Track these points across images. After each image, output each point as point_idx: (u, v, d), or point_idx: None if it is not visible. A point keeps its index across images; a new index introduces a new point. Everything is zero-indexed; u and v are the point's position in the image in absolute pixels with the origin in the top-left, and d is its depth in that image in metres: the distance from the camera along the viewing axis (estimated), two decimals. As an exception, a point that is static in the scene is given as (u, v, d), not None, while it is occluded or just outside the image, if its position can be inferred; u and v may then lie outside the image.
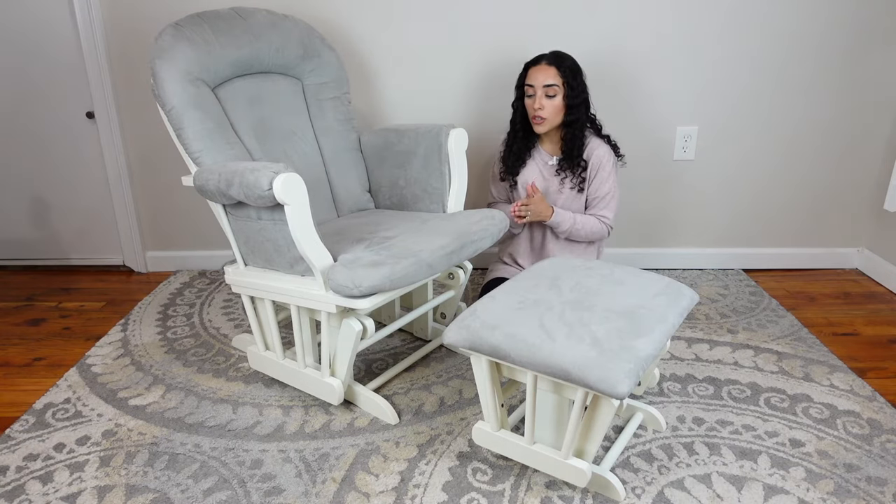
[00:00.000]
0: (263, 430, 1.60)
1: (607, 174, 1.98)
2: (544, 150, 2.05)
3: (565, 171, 2.00)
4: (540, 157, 2.05)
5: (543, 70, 1.90)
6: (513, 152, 2.05)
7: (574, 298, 1.38)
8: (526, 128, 2.02)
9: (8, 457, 1.52)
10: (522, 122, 2.01)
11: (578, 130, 1.95)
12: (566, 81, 1.90)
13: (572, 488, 1.38)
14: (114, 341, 2.08)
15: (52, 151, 2.58)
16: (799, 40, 2.29)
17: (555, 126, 1.96)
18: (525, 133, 2.03)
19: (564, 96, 1.91)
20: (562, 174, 2.01)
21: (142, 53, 2.38)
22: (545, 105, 1.90)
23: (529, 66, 1.94)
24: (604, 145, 1.99)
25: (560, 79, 1.89)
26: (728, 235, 2.59)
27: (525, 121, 2.01)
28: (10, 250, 2.76)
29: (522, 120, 2.01)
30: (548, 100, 1.90)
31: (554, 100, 1.91)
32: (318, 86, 2.01)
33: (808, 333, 2.04)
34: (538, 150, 2.06)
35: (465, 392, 1.75)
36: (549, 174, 2.03)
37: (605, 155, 1.98)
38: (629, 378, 1.13)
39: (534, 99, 1.92)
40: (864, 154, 2.45)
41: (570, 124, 1.94)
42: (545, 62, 1.91)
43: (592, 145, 1.99)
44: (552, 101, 1.91)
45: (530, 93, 1.93)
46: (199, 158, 1.65)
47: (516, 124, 2.02)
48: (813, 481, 1.39)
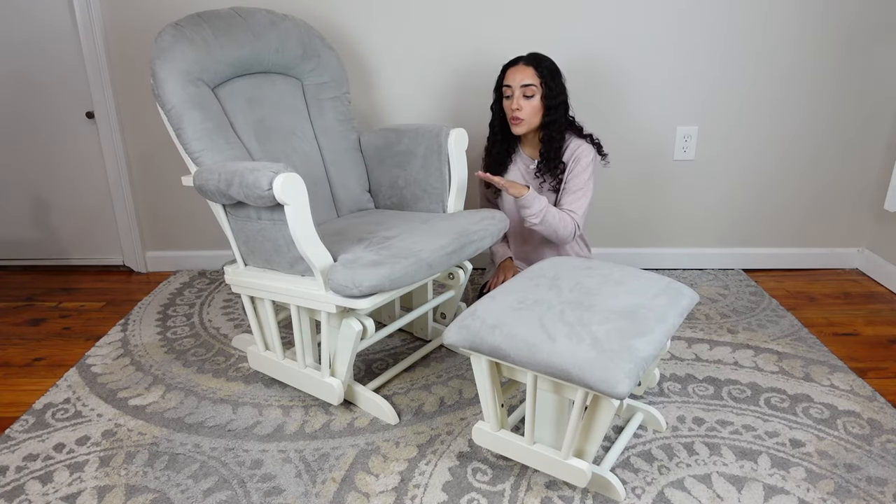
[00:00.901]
0: (263, 431, 1.60)
1: (582, 168, 1.92)
2: (525, 153, 2.03)
3: (544, 175, 1.97)
4: (522, 160, 2.03)
5: (521, 70, 1.88)
6: (493, 156, 2.03)
7: (574, 298, 1.38)
8: (505, 130, 1.99)
9: (8, 457, 1.52)
10: (501, 124, 1.98)
11: (556, 132, 1.92)
12: (544, 81, 1.87)
13: (572, 488, 1.38)
14: (114, 341, 2.08)
15: (52, 151, 2.58)
16: (799, 40, 2.29)
17: (533, 128, 1.93)
18: (504, 136, 2.00)
19: (542, 97, 1.88)
20: (541, 177, 1.99)
21: (142, 53, 2.38)
22: (523, 105, 1.88)
23: (507, 67, 1.92)
24: (584, 144, 1.95)
25: (538, 79, 1.87)
26: (728, 235, 2.59)
27: (504, 123, 1.98)
28: (10, 250, 2.76)
29: (501, 122, 1.98)
30: (525, 100, 1.88)
31: (532, 100, 1.88)
32: (318, 86, 2.01)
33: (809, 333, 2.04)
34: (519, 153, 2.03)
35: (465, 392, 1.75)
36: (531, 177, 2.02)
37: (583, 151, 1.93)
38: (629, 378, 1.13)
39: (511, 99, 1.90)
40: (864, 154, 2.45)
41: (548, 125, 1.91)
42: (522, 63, 1.89)
43: (573, 145, 1.95)
44: (530, 102, 1.88)
45: (508, 93, 1.91)
46: (198, 158, 1.65)
47: (495, 127, 1.99)
48: (813, 481, 1.39)
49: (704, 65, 2.33)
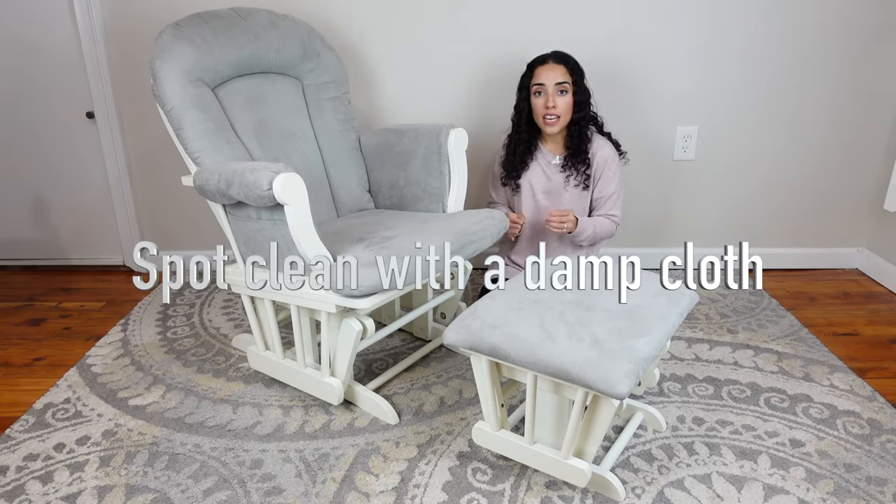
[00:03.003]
0: (263, 430, 1.60)
1: (612, 173, 1.99)
2: (547, 149, 2.05)
3: (570, 169, 2.00)
4: (543, 157, 2.05)
5: (552, 68, 1.91)
6: (517, 154, 2.04)
7: (574, 298, 1.38)
8: (531, 129, 2.01)
9: (8, 457, 1.52)
10: (527, 123, 2.00)
11: (585, 128, 1.97)
12: (574, 79, 1.91)
13: (572, 488, 1.38)
14: (114, 341, 2.08)
15: (52, 151, 2.58)
16: (799, 40, 2.29)
17: (564, 125, 1.96)
18: (529, 135, 2.02)
19: (573, 94, 1.92)
20: (567, 172, 2.01)
21: (142, 53, 2.38)
22: (558, 103, 1.91)
23: (535, 65, 1.94)
24: (607, 144, 2.00)
25: (569, 76, 1.91)
26: (728, 235, 2.58)
27: (530, 122, 2.00)
28: (10, 250, 2.76)
29: (527, 121, 2.00)
30: (559, 97, 1.91)
31: (565, 97, 1.92)
32: (318, 86, 2.01)
33: (808, 333, 2.04)
34: (540, 150, 2.05)
35: (465, 392, 1.75)
36: (553, 173, 2.03)
37: (610, 154, 1.99)
38: (629, 378, 1.13)
39: (544, 98, 1.91)
40: (864, 154, 2.45)
41: (578, 122, 1.95)
42: (552, 61, 1.92)
43: (597, 144, 2.00)
44: (564, 99, 1.92)
45: (539, 91, 1.92)
46: (198, 158, 1.65)
47: (521, 125, 2.00)
48: (813, 481, 1.39)
49: (704, 65, 2.33)
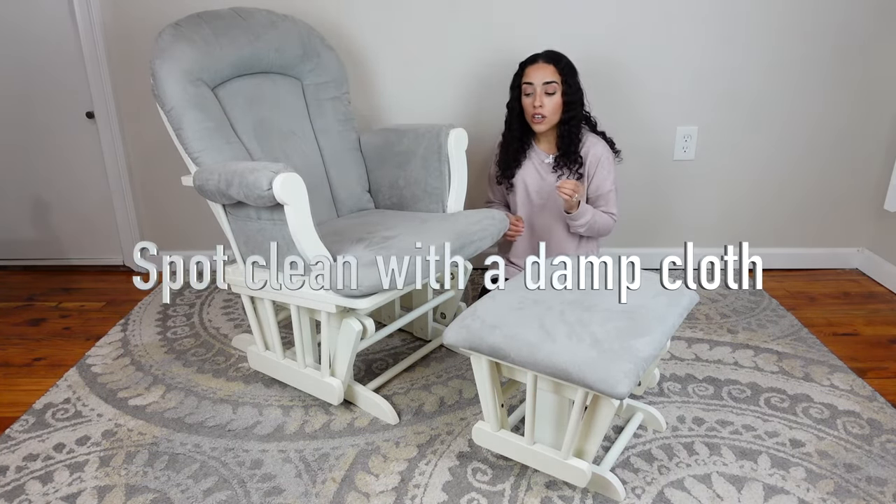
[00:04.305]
0: (263, 430, 1.60)
1: (607, 171, 1.99)
2: (540, 148, 2.05)
3: (562, 168, 2.01)
4: (536, 155, 2.05)
5: (542, 68, 1.91)
6: (509, 154, 2.05)
7: (574, 298, 1.38)
8: (522, 128, 2.02)
9: (8, 457, 1.52)
10: (519, 121, 2.01)
11: (575, 127, 1.96)
12: (564, 79, 1.91)
13: (572, 488, 1.38)
14: (114, 341, 2.08)
15: (52, 151, 2.58)
16: (799, 40, 2.29)
17: (553, 124, 1.96)
18: (521, 133, 2.03)
19: (563, 94, 1.92)
20: (559, 171, 2.02)
21: (142, 53, 2.38)
22: (545, 103, 1.91)
23: (526, 64, 1.95)
24: (600, 142, 2.00)
25: (558, 76, 1.91)
26: (728, 235, 2.58)
27: (521, 121, 2.01)
28: (10, 250, 2.76)
29: (519, 119, 2.00)
30: (547, 97, 1.91)
31: (553, 97, 1.92)
32: (318, 86, 2.01)
33: (809, 333, 2.04)
34: (534, 149, 2.06)
35: (465, 392, 1.75)
36: (546, 172, 2.03)
37: (603, 152, 1.99)
38: (629, 378, 1.13)
39: (533, 97, 1.92)
40: (864, 154, 2.44)
41: (568, 122, 1.95)
42: (542, 60, 1.92)
43: (589, 142, 2.00)
44: (551, 99, 1.92)
45: (529, 91, 1.93)
46: (198, 158, 1.65)
47: (512, 124, 2.02)
48: (813, 481, 1.39)
49: (704, 65, 2.33)
